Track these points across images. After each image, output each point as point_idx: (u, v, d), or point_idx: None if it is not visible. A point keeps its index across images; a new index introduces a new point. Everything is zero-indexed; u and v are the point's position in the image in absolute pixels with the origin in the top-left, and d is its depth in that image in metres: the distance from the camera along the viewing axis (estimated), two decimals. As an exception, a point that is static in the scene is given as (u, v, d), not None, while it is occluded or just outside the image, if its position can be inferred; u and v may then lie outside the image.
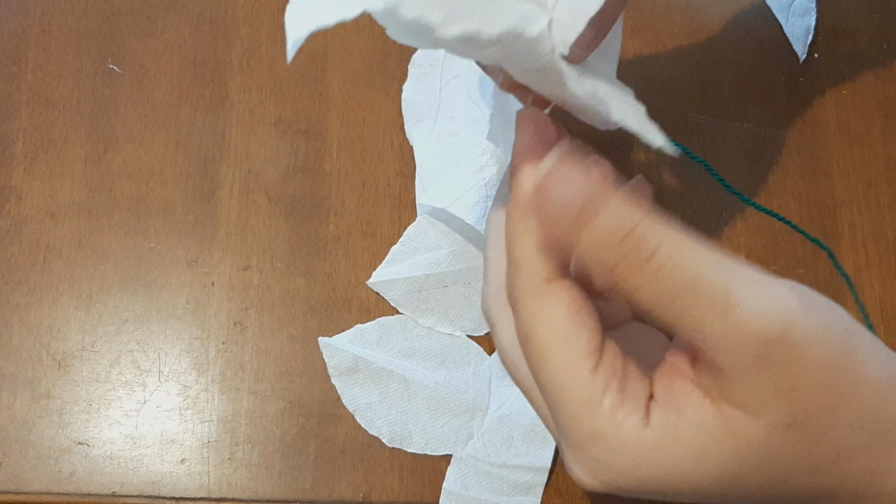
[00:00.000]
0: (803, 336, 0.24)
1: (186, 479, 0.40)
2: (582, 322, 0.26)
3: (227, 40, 0.46)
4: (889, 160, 0.47)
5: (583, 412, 0.26)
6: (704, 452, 0.25)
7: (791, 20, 0.49)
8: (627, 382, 0.26)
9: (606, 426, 0.25)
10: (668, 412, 0.26)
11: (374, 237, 0.44)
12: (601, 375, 0.26)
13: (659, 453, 0.25)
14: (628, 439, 0.25)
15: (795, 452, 0.25)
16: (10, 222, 0.43)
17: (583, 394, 0.26)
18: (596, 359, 0.26)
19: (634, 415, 0.26)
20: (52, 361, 0.41)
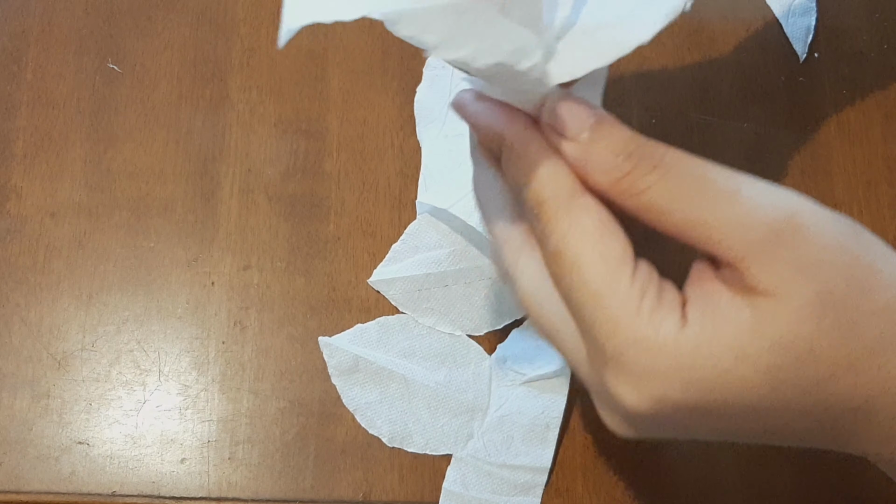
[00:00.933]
0: (812, 220, 0.25)
1: (186, 478, 0.40)
2: (613, 232, 0.26)
3: (227, 40, 0.46)
4: (889, 160, 0.47)
5: (622, 318, 0.25)
6: (744, 346, 0.25)
7: (791, 20, 0.49)
8: (663, 289, 0.26)
9: (647, 329, 0.25)
10: (704, 311, 0.26)
11: (374, 237, 0.44)
12: (638, 281, 0.26)
13: (699, 351, 0.25)
14: (669, 339, 0.25)
15: (831, 340, 0.25)
16: (10, 222, 0.43)
17: (621, 299, 0.26)
18: (631, 266, 0.26)
19: (672, 316, 0.25)
20: (52, 361, 0.41)
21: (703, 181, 0.26)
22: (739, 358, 0.25)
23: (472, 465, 0.40)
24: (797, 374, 0.25)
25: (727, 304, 0.26)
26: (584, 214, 0.26)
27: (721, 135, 0.46)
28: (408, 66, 0.46)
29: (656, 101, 0.47)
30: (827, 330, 0.25)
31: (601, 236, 0.26)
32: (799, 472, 0.42)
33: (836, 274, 0.25)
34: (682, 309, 0.26)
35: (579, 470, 0.41)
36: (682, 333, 0.25)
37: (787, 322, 0.25)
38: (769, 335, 0.25)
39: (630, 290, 0.26)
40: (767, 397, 0.26)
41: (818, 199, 0.46)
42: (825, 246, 0.25)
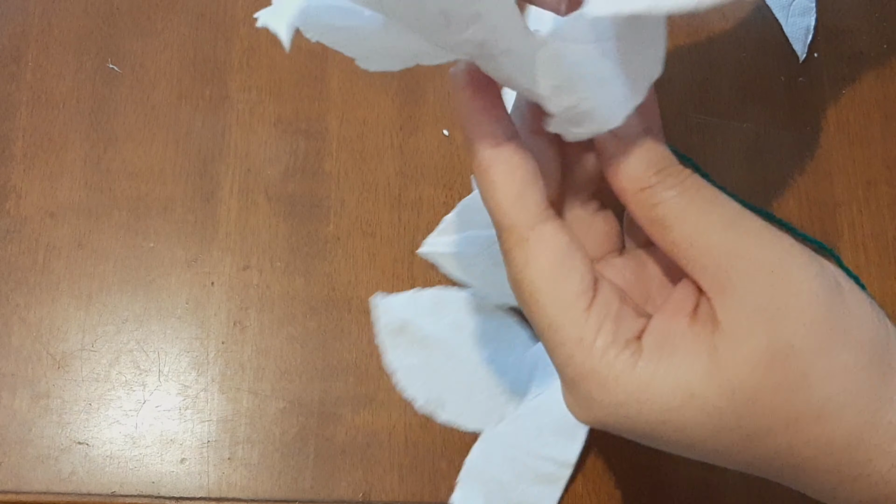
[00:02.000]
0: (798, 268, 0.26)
1: (186, 478, 0.40)
2: (570, 266, 0.27)
3: (227, 40, 0.46)
4: (889, 160, 0.47)
5: (575, 351, 0.26)
6: (694, 388, 0.25)
7: (791, 20, 0.49)
8: (622, 322, 0.27)
9: (599, 365, 0.26)
10: (662, 346, 0.26)
11: (374, 237, 0.44)
12: (594, 315, 0.26)
13: (648, 389, 0.26)
14: (620, 376, 0.26)
15: (778, 395, 0.25)
16: (9, 222, 0.43)
17: (575, 334, 0.26)
18: (588, 299, 0.26)
19: (626, 352, 0.26)
20: (52, 361, 0.41)
21: (711, 208, 0.26)
22: (688, 398, 0.25)
23: (500, 446, 0.40)
24: (738, 422, 0.26)
25: (687, 344, 0.26)
26: (539, 250, 0.26)
27: (721, 135, 0.46)
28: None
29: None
30: (773, 385, 0.25)
31: (556, 273, 0.26)
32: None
33: (801, 326, 0.25)
34: (639, 341, 0.26)
35: (579, 470, 0.41)
36: (635, 371, 0.26)
37: (738, 369, 0.25)
38: (720, 379, 0.25)
39: (585, 326, 0.26)
40: (710, 439, 0.26)
41: (818, 199, 0.46)
42: (801, 294, 0.25)
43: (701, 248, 0.26)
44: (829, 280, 0.26)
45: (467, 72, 0.27)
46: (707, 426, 0.26)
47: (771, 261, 0.26)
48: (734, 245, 0.26)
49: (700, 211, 0.26)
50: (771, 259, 0.26)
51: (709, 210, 0.26)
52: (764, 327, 0.25)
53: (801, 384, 0.25)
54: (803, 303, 0.25)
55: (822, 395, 0.25)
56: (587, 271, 0.27)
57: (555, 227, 0.27)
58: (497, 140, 0.27)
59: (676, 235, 0.26)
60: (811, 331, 0.25)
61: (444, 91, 0.46)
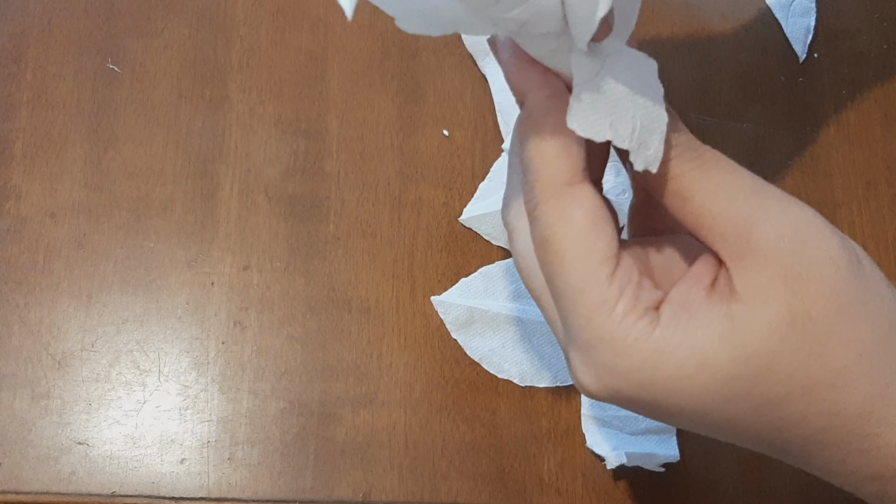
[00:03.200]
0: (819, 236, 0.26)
1: (186, 479, 0.40)
2: (601, 228, 0.26)
3: (227, 40, 0.46)
4: (889, 160, 0.47)
5: (595, 315, 0.26)
6: (708, 354, 0.25)
7: (791, 20, 0.49)
8: (642, 291, 0.26)
9: (617, 329, 0.26)
10: (679, 315, 0.26)
11: (374, 237, 0.44)
12: (617, 281, 0.26)
13: (663, 355, 0.25)
14: (636, 342, 0.26)
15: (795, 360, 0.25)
16: (10, 222, 0.43)
17: (598, 297, 0.26)
18: (613, 265, 0.26)
19: (644, 319, 0.26)
20: (52, 361, 0.41)
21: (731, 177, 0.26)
22: (701, 365, 0.25)
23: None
24: (752, 389, 0.25)
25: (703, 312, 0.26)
26: (575, 206, 0.26)
27: (721, 135, 0.46)
28: (407, 66, 0.46)
29: (656, 101, 0.47)
30: (791, 350, 0.25)
31: (588, 232, 0.26)
32: (799, 472, 0.42)
33: (820, 294, 0.25)
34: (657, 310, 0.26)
35: (579, 470, 0.41)
36: (651, 337, 0.26)
37: (754, 335, 0.25)
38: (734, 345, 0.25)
39: (608, 290, 0.26)
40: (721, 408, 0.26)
41: (818, 199, 0.46)
42: (821, 262, 0.25)
43: (722, 216, 0.26)
44: (850, 252, 0.26)
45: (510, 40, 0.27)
46: (719, 394, 0.26)
47: (793, 228, 0.25)
48: (756, 212, 0.26)
49: (720, 180, 0.26)
50: (793, 226, 0.26)
51: (729, 179, 0.26)
52: (783, 294, 0.25)
53: (818, 351, 0.25)
54: (824, 272, 0.25)
55: (838, 364, 0.25)
56: (615, 238, 0.27)
57: (591, 190, 0.27)
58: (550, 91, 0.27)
59: (697, 205, 0.26)
60: (831, 300, 0.25)
61: (444, 91, 0.46)
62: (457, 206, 0.45)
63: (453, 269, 0.44)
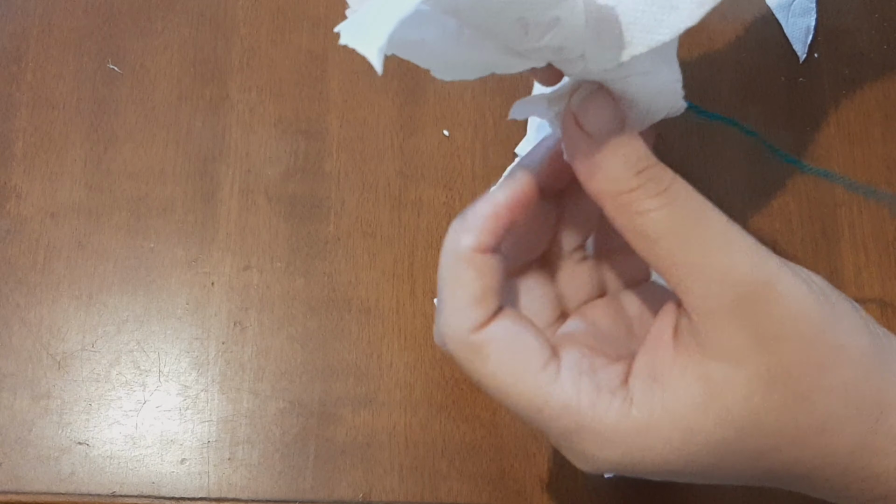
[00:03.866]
0: (786, 290, 0.25)
1: (186, 479, 0.40)
2: (524, 345, 0.27)
3: (227, 40, 0.46)
4: (889, 160, 0.47)
5: (565, 419, 0.26)
6: (692, 423, 0.25)
7: (791, 20, 0.49)
8: (599, 374, 0.26)
9: (591, 423, 0.26)
10: (653, 387, 0.26)
11: (374, 237, 0.44)
12: (567, 379, 0.26)
13: (647, 434, 0.25)
14: (616, 428, 0.26)
15: (781, 416, 0.25)
16: (10, 222, 0.43)
17: (558, 404, 0.26)
18: (555, 367, 0.26)
19: (615, 400, 0.26)
20: (52, 361, 0.41)
21: (700, 225, 0.25)
22: (688, 435, 0.25)
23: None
24: (742, 446, 0.26)
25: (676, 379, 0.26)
26: (488, 347, 0.27)
27: (721, 135, 0.46)
28: (407, 66, 0.46)
29: (656, 101, 0.47)
30: (775, 406, 0.25)
31: (512, 358, 0.26)
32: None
33: (796, 349, 0.25)
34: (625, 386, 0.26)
35: (579, 470, 0.41)
36: (630, 418, 0.26)
37: (735, 396, 0.25)
38: (717, 409, 0.25)
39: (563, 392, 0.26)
40: (714, 466, 0.26)
41: (818, 199, 0.46)
42: (791, 317, 0.25)
43: (688, 269, 0.25)
44: (819, 297, 0.26)
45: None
46: (711, 456, 0.26)
47: (762, 287, 0.25)
48: (724, 270, 0.25)
49: (688, 227, 0.25)
50: (761, 284, 0.25)
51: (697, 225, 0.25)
52: (759, 355, 0.25)
53: (802, 404, 0.25)
54: (798, 327, 0.25)
55: (824, 412, 0.25)
56: (543, 344, 0.27)
57: (500, 321, 0.27)
58: (462, 253, 0.27)
59: (662, 251, 0.25)
60: (808, 354, 0.25)
61: (444, 91, 0.46)
62: (457, 206, 0.45)
63: (453, 269, 0.44)
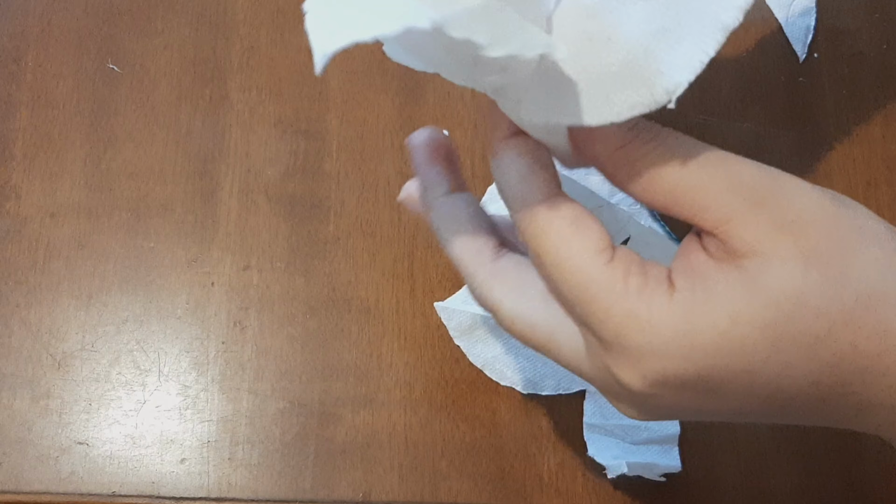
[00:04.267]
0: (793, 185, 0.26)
1: (186, 478, 0.40)
2: (586, 226, 0.27)
3: (227, 40, 0.46)
4: (889, 160, 0.47)
5: (611, 301, 0.26)
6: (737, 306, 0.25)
7: (791, 20, 0.49)
8: (648, 267, 0.27)
9: (637, 306, 0.26)
10: (694, 279, 0.26)
11: (374, 237, 0.44)
12: (619, 265, 0.26)
13: (692, 317, 0.25)
14: (661, 312, 0.26)
15: (824, 294, 0.25)
16: (9, 222, 0.43)
17: (606, 284, 0.26)
18: (609, 254, 0.27)
19: (660, 288, 0.26)
20: (52, 361, 0.41)
21: (693, 150, 0.26)
22: (734, 318, 0.25)
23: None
24: (794, 329, 0.25)
25: (714, 271, 0.26)
26: (556, 215, 0.27)
27: (721, 135, 0.46)
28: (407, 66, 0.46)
29: (656, 101, 0.47)
30: (815, 284, 0.25)
31: (575, 231, 0.27)
32: (799, 472, 0.42)
33: (819, 232, 0.26)
34: (669, 280, 0.26)
35: (579, 470, 0.41)
36: (674, 303, 0.26)
37: (775, 278, 0.25)
38: (760, 292, 0.25)
39: (613, 275, 0.26)
40: (770, 359, 0.26)
41: (818, 199, 0.46)
42: (807, 206, 0.26)
43: (695, 190, 0.26)
44: (829, 192, 0.27)
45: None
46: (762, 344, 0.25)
47: (769, 185, 0.26)
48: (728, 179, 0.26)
49: (684, 155, 0.26)
50: (768, 184, 0.26)
51: (693, 153, 0.26)
52: (786, 239, 0.25)
53: (841, 281, 0.25)
54: (815, 213, 0.26)
55: (865, 287, 0.26)
56: (603, 231, 0.27)
57: (564, 199, 0.28)
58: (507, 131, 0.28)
59: (666, 184, 0.26)
60: (833, 235, 0.26)
61: (444, 91, 0.46)
62: (457, 206, 0.45)
63: (453, 270, 0.44)
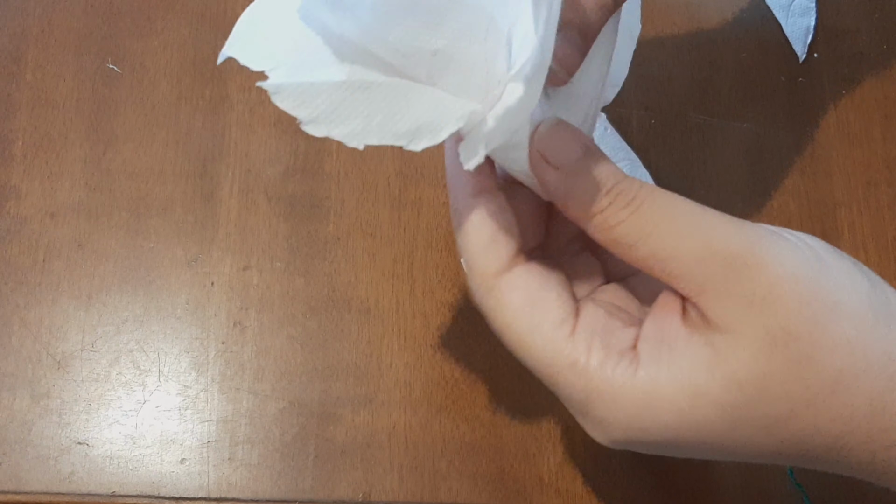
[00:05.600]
0: (770, 253, 0.25)
1: (186, 479, 0.40)
2: (544, 298, 0.27)
3: (226, 40, 0.46)
4: (889, 160, 0.47)
5: (573, 377, 0.26)
6: (699, 386, 0.25)
7: (791, 20, 0.49)
8: (611, 335, 0.27)
9: (599, 383, 0.26)
10: (660, 350, 0.26)
11: (374, 237, 0.44)
12: (581, 339, 0.26)
13: (653, 395, 0.26)
14: (623, 388, 0.26)
15: (788, 377, 0.25)
16: (9, 222, 0.43)
17: (567, 361, 0.26)
18: (570, 326, 0.27)
19: (623, 362, 0.26)
20: (52, 361, 0.41)
21: (669, 217, 0.26)
22: (695, 397, 0.25)
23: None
24: (754, 412, 0.25)
25: (683, 343, 0.26)
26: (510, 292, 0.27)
27: (721, 135, 0.46)
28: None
29: (656, 101, 0.47)
30: (780, 367, 0.25)
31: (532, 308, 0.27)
32: (799, 473, 0.42)
33: (791, 309, 0.25)
34: (635, 349, 0.26)
35: (579, 470, 0.41)
36: (636, 379, 0.26)
37: (740, 360, 0.25)
38: (723, 372, 0.25)
39: (574, 350, 0.26)
40: (728, 435, 0.26)
41: (818, 199, 0.46)
42: (781, 279, 0.25)
43: (669, 259, 0.26)
44: (807, 256, 0.26)
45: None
46: (722, 423, 0.25)
47: (742, 254, 0.25)
48: (701, 248, 0.26)
49: (659, 223, 0.26)
50: (741, 252, 0.25)
51: (668, 219, 0.26)
52: (755, 317, 0.25)
53: (807, 363, 0.25)
54: (786, 288, 0.25)
55: (832, 369, 0.25)
56: (564, 301, 0.27)
57: (524, 270, 0.27)
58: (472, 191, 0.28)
59: (642, 252, 0.26)
60: (802, 313, 0.25)
61: (444, 91, 0.46)
62: (457, 206, 0.45)
63: (453, 269, 0.44)
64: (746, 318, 0.25)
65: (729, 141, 0.46)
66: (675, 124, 0.47)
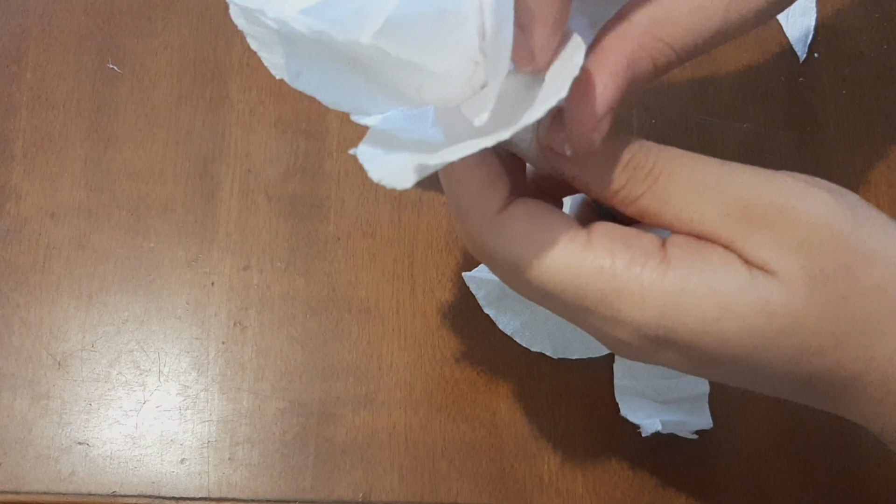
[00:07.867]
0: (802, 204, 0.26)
1: (186, 479, 0.40)
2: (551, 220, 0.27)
3: (226, 40, 0.46)
4: (889, 160, 0.47)
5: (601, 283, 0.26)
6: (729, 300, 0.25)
7: (791, 20, 0.49)
8: (633, 239, 0.26)
9: (626, 283, 0.26)
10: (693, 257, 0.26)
11: (374, 237, 0.44)
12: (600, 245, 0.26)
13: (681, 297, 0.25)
14: (651, 287, 0.26)
15: (823, 316, 0.25)
16: (10, 222, 0.43)
17: (592, 267, 0.26)
18: (584, 237, 0.26)
19: (651, 264, 0.26)
20: (52, 361, 0.41)
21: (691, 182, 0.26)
22: (723, 311, 0.25)
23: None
24: (781, 342, 0.26)
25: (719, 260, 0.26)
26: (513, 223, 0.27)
27: (721, 135, 0.46)
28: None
29: (656, 101, 0.47)
30: (815, 307, 0.25)
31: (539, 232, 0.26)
32: (799, 472, 0.42)
33: (826, 255, 0.26)
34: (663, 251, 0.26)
35: (579, 470, 0.41)
36: (665, 280, 0.26)
37: (774, 292, 0.25)
38: (756, 298, 0.25)
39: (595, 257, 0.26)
40: (750, 357, 0.26)
41: (818, 199, 0.46)
42: (818, 227, 0.26)
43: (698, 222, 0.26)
44: (840, 205, 0.26)
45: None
46: (746, 342, 0.26)
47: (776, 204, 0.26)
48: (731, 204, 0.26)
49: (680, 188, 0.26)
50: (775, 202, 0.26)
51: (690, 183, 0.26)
52: (792, 261, 0.25)
53: (841, 304, 0.26)
54: (822, 235, 0.26)
55: (863, 313, 0.26)
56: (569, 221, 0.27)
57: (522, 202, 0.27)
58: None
59: (668, 218, 0.26)
60: (838, 258, 0.26)
61: (444, 91, 0.46)
62: (457, 206, 0.45)
63: (453, 269, 0.44)
64: (784, 261, 0.25)
65: (729, 141, 0.46)
66: (676, 124, 0.47)
